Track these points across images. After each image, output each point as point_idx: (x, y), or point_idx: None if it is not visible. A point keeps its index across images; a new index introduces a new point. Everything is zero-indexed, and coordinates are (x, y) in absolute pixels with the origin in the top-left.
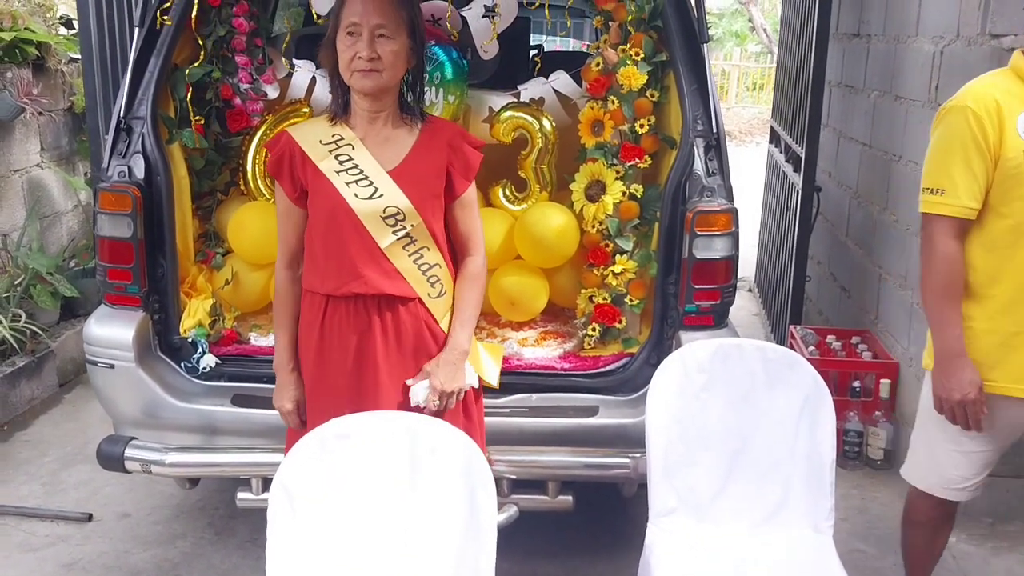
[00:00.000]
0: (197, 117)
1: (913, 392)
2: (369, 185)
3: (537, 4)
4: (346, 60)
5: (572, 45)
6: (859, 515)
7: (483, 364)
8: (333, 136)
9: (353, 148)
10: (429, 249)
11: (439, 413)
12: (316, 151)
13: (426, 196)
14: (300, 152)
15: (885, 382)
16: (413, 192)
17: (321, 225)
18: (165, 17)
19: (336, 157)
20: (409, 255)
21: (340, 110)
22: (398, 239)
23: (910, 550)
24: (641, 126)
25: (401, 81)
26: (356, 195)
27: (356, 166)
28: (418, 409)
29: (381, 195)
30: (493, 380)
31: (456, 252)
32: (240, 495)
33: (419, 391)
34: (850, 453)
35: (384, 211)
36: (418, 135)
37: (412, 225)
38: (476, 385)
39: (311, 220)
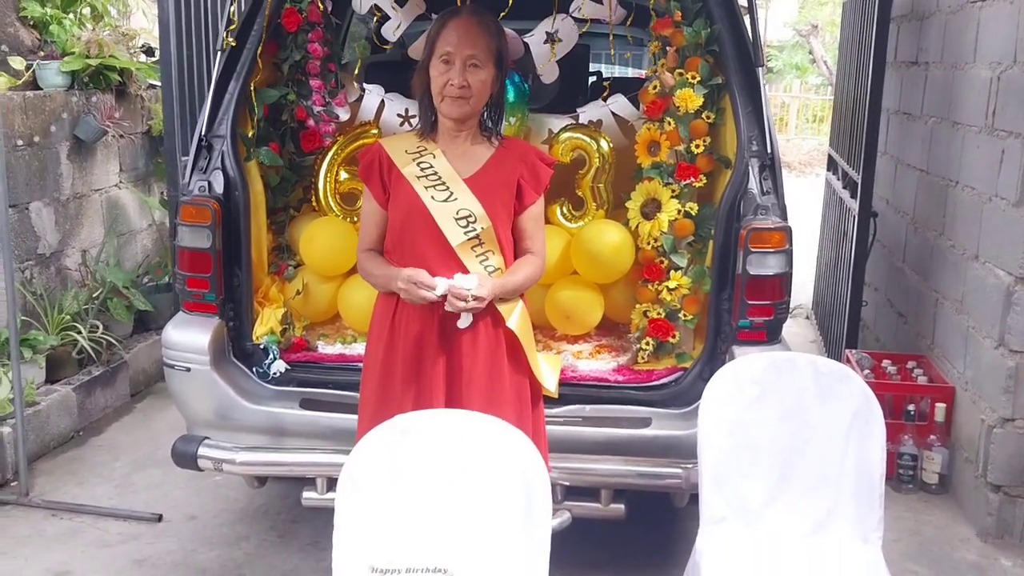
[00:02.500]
0: (272, 137)
1: (969, 416)
2: (445, 189)
3: (585, 25)
4: (439, 85)
5: (630, 72)
6: (912, 537)
7: (543, 373)
8: (418, 147)
9: (434, 157)
10: (495, 253)
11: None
12: (401, 158)
13: (496, 204)
14: (388, 159)
15: (940, 406)
16: (485, 199)
17: (398, 224)
18: (230, 39)
19: (418, 164)
20: (476, 255)
21: (428, 128)
22: (468, 239)
23: None
24: (697, 146)
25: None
26: (433, 197)
27: (435, 172)
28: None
29: (455, 198)
30: (552, 388)
31: (518, 252)
32: (306, 494)
33: (469, 279)
34: (904, 477)
35: (457, 212)
36: (494, 151)
37: (482, 228)
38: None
39: (390, 221)
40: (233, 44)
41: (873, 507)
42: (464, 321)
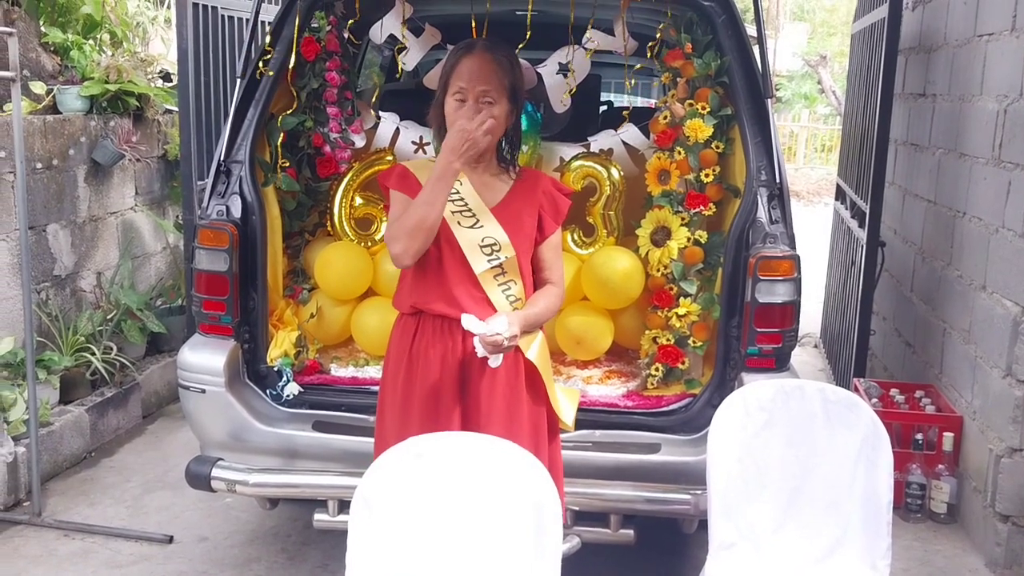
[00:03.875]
0: (287, 162)
1: (977, 446)
2: (472, 216)
3: (594, 49)
4: (454, 121)
5: (640, 102)
6: (921, 567)
7: (561, 405)
8: None
9: (461, 184)
10: (516, 283)
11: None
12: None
13: (520, 234)
14: (415, 179)
15: (948, 435)
16: (509, 228)
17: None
18: (266, 68)
19: None
20: (498, 284)
21: None
22: (491, 267)
23: None
24: (706, 175)
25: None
26: (459, 223)
27: (462, 199)
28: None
29: (482, 226)
30: (569, 421)
31: (536, 283)
32: (317, 516)
33: (500, 322)
34: (912, 506)
35: (483, 240)
36: (513, 183)
37: (506, 257)
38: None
39: None
40: (269, 73)
41: (881, 535)
42: (495, 361)
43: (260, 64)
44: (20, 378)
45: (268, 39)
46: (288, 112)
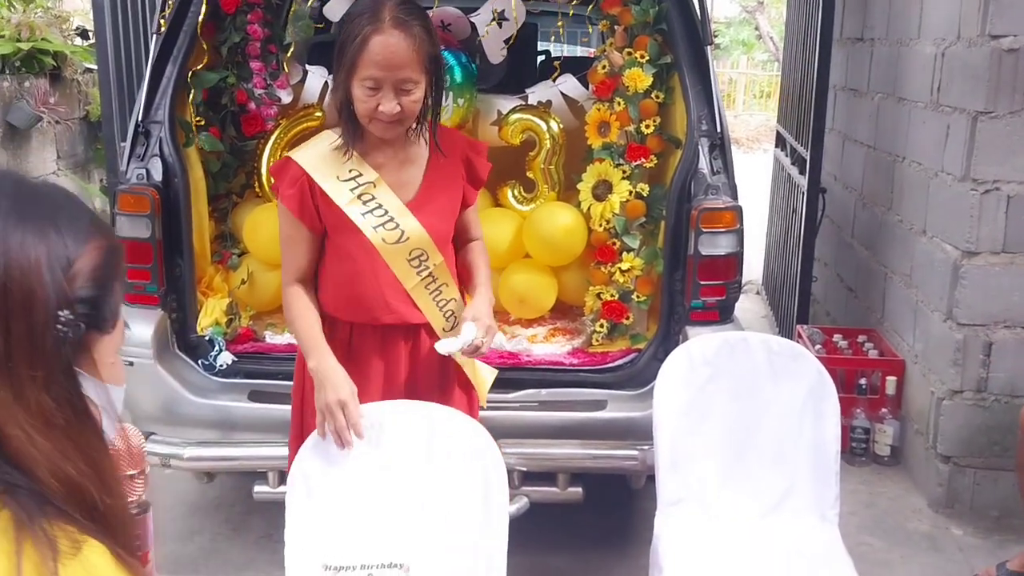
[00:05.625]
0: (204, 121)
1: (919, 389)
2: (395, 228)
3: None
4: (366, 110)
5: (579, 51)
6: (867, 510)
7: (482, 381)
8: (352, 173)
9: (375, 187)
10: (448, 285)
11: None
12: (338, 192)
13: (444, 224)
14: (319, 190)
15: (891, 379)
16: (433, 224)
17: (349, 263)
18: (163, 20)
19: (360, 198)
20: (430, 293)
21: (351, 143)
22: (421, 279)
23: None
24: (647, 127)
25: None
26: (384, 239)
27: (380, 206)
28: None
29: (407, 238)
30: (484, 398)
31: (458, 244)
32: (257, 488)
33: (469, 329)
34: (857, 450)
35: (410, 254)
36: (429, 154)
37: (435, 264)
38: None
39: (335, 255)
40: (165, 26)
41: (829, 484)
42: (469, 334)
43: (161, 19)
44: None
45: None
46: (209, 68)
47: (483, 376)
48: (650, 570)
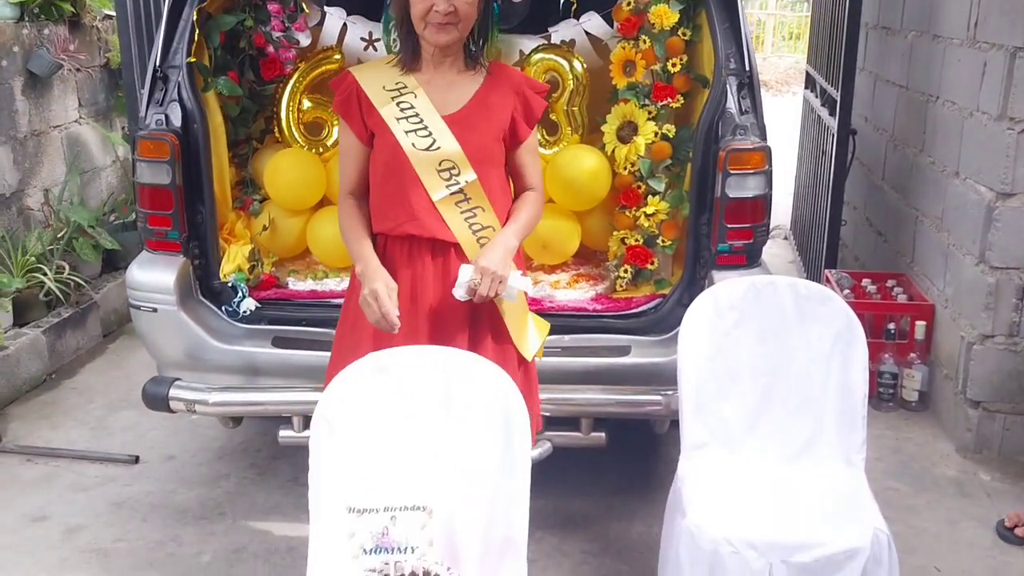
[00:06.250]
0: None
1: (948, 333)
2: (428, 135)
3: None
4: (421, 11)
5: None
6: (893, 455)
7: (528, 335)
8: (397, 84)
9: (415, 96)
10: (484, 210)
11: (479, 298)
12: (379, 97)
13: (485, 144)
14: (365, 96)
15: (920, 324)
16: (470, 140)
17: (381, 167)
18: None
19: (398, 104)
20: (461, 212)
21: (408, 59)
22: (451, 194)
23: None
24: (673, 65)
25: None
26: (414, 144)
27: (416, 114)
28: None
29: (439, 147)
30: (530, 353)
31: (516, 191)
32: (282, 433)
33: (464, 271)
34: (885, 395)
35: (440, 163)
36: (483, 81)
37: (467, 181)
38: (527, 291)
39: (373, 162)
40: None
41: (856, 429)
42: (464, 275)
43: None
44: None
45: None
46: (227, 11)
47: (530, 330)
48: (669, 512)
